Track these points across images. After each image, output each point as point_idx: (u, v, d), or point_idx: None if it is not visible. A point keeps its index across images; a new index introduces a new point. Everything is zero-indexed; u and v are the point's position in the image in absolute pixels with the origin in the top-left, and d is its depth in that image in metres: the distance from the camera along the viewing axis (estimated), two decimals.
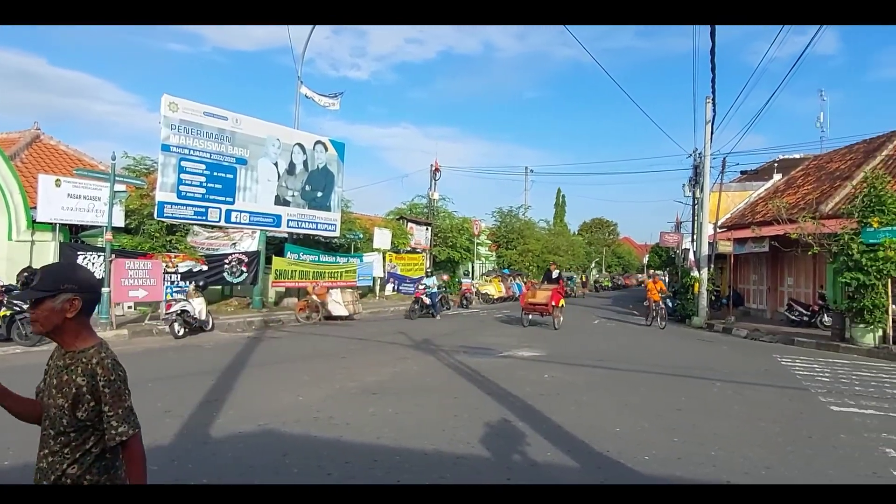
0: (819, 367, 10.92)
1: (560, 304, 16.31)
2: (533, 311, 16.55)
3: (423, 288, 19.27)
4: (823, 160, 24.93)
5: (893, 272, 13.28)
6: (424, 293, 18.85)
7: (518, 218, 40.13)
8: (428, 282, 19.73)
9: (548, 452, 5.26)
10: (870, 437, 6.08)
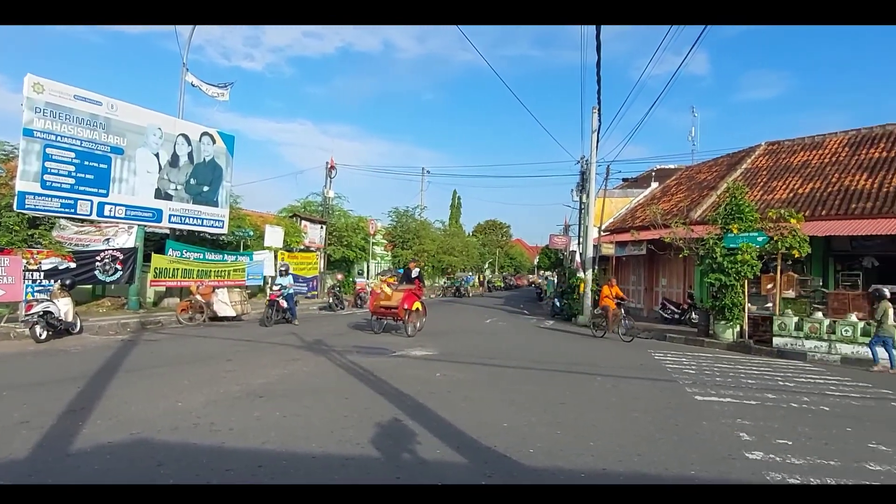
0: (687, 361, 11.87)
1: (415, 307, 14.47)
2: (385, 316, 14.69)
3: (277, 289, 16.31)
4: (694, 171, 27.16)
5: (749, 274, 14.72)
6: (280, 295, 16.10)
7: (414, 218, 40.33)
8: (283, 281, 16.62)
9: (437, 450, 5.30)
10: (727, 423, 6.68)
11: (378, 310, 14.57)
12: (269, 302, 16.16)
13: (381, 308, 14.47)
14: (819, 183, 18.63)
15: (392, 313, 14.36)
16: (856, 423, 7.02)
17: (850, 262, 17.01)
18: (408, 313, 14.15)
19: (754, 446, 5.76)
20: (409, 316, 14.20)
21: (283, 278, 16.75)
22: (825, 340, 13.40)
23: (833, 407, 7.95)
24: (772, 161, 21.83)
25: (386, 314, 14.51)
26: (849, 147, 20.12)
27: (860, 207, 16.41)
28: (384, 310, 14.43)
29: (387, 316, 14.57)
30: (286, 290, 16.31)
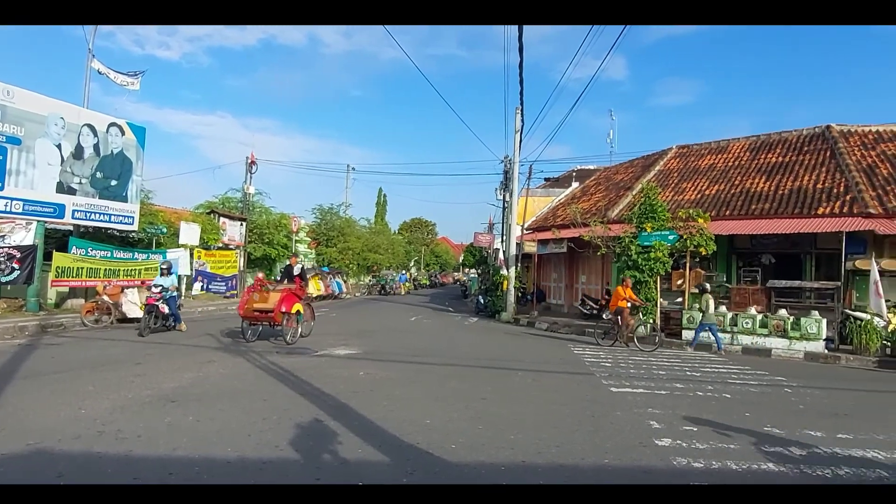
0: (604, 355, 12.34)
1: (294, 309, 12.24)
2: (258, 320, 12.19)
3: (157, 291, 13.39)
4: (612, 171, 28.27)
5: (661, 270, 15.48)
6: (161, 298, 13.33)
7: (339, 216, 39.76)
8: (164, 282, 13.74)
9: (359, 449, 5.24)
10: (639, 412, 7.00)
11: (250, 314, 12.07)
12: (146, 307, 13.40)
13: (255, 311, 12.03)
14: (724, 185, 19.85)
15: (267, 317, 11.99)
16: (754, 408, 7.53)
17: (751, 259, 18.24)
18: (286, 317, 11.95)
19: (663, 433, 6.06)
20: (288, 320, 12.05)
21: (164, 279, 13.98)
22: (728, 332, 14.30)
23: (734, 394, 8.50)
24: (682, 164, 23.06)
25: (260, 318, 12.11)
26: (750, 152, 21.56)
27: (759, 208, 17.63)
28: (258, 314, 12.02)
29: (261, 320, 12.21)
30: (167, 293, 13.60)
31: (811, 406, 7.93)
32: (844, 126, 20.41)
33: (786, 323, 13.63)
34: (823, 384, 9.87)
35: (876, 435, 6.30)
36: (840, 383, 10.12)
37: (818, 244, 16.51)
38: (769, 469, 5.05)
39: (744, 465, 5.11)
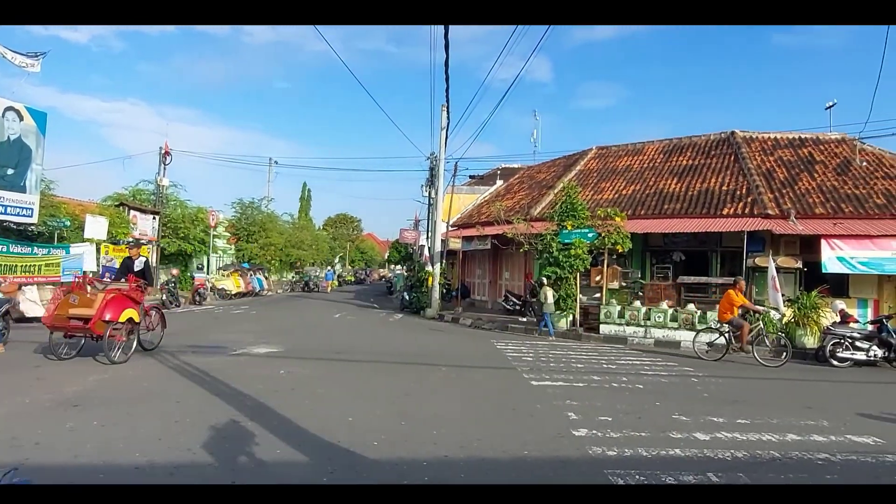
0: (525, 349, 12.63)
1: (125, 317, 9.20)
2: (74, 331, 9.04)
3: None
4: (535, 170, 28.95)
5: (581, 267, 16.02)
6: None
7: (260, 210, 38.55)
8: None
9: (277, 450, 5.10)
10: (558, 405, 7.21)
11: (62, 322, 8.94)
12: None
13: (69, 319, 8.91)
14: (639, 185, 20.78)
15: (82, 328, 8.90)
16: (663, 398, 7.94)
17: (663, 257, 19.18)
18: (111, 328, 8.92)
19: (580, 424, 6.28)
20: (115, 332, 9.05)
21: None
22: (642, 326, 15.00)
23: (646, 385, 8.93)
24: (601, 164, 23.94)
25: (75, 329, 8.98)
26: (663, 154, 22.66)
27: (671, 208, 18.58)
28: (74, 322, 8.91)
29: (77, 332, 9.05)
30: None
31: (714, 394, 8.44)
32: (747, 132, 21.83)
33: (694, 316, 14.44)
34: (725, 373, 10.54)
35: (770, 419, 6.79)
36: (740, 372, 10.83)
37: (723, 242, 17.58)
38: (676, 455, 5.33)
39: (653, 452, 5.37)
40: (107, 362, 8.76)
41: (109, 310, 9.00)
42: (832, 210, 16.63)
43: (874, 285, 16.40)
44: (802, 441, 5.92)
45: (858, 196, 17.08)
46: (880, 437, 6.12)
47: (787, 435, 6.12)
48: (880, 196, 16.91)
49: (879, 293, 16.43)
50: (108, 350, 8.86)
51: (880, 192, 17.06)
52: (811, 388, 9.58)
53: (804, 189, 17.72)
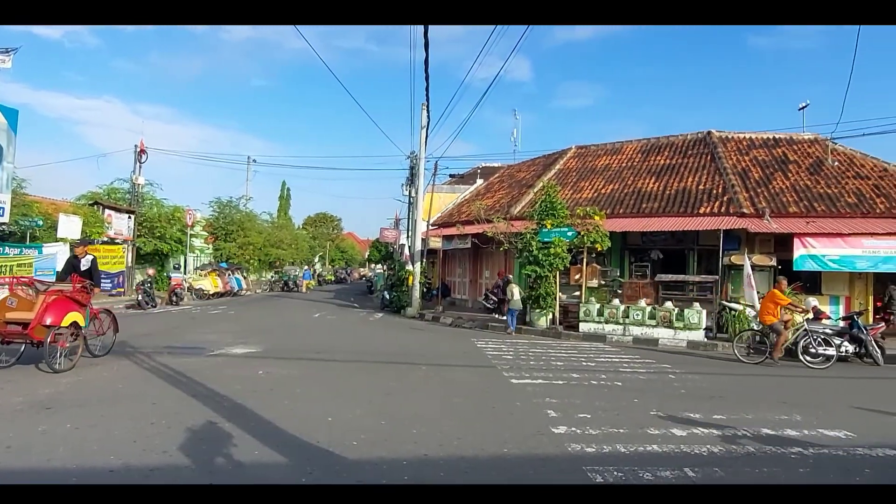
0: (505, 348, 12.67)
1: (68, 321, 8.55)
2: (12, 337, 8.32)
3: None
4: (515, 169, 29.06)
5: (560, 266, 16.11)
6: None
7: (239, 209, 38.15)
8: None
9: (256, 451, 5.05)
10: (537, 402, 7.25)
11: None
12: None
13: (6, 324, 8.26)
14: (618, 184, 20.96)
15: (20, 334, 8.22)
16: (641, 395, 8.02)
17: (641, 255, 19.39)
18: (51, 332, 8.11)
19: (560, 422, 6.31)
20: (58, 337, 8.25)
21: None
22: (621, 324, 15.14)
23: (624, 382, 9.01)
24: (580, 163, 24.10)
25: (12, 335, 8.28)
26: (641, 154, 22.89)
27: (649, 207, 18.78)
28: (11, 327, 8.26)
29: (14, 337, 8.32)
30: None
31: (692, 390, 8.55)
32: (723, 132, 22.15)
33: (671, 314, 14.62)
34: (702, 370, 10.69)
35: (745, 414, 6.89)
36: (717, 369, 11.00)
37: (700, 241, 17.82)
38: (653, 451, 5.39)
39: (631, 448, 5.42)
40: (49, 371, 8.04)
41: (51, 313, 8.30)
42: (805, 209, 16.96)
43: (846, 282, 16.77)
44: (776, 436, 6.02)
45: (830, 195, 17.43)
46: (851, 431, 6.25)
47: (761, 430, 6.22)
48: (851, 195, 17.28)
49: (851, 290, 16.80)
50: (49, 357, 8.06)
51: (851, 192, 17.43)
52: (785, 383, 9.74)
53: (778, 188, 18.03)
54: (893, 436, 6.20)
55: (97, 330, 9.59)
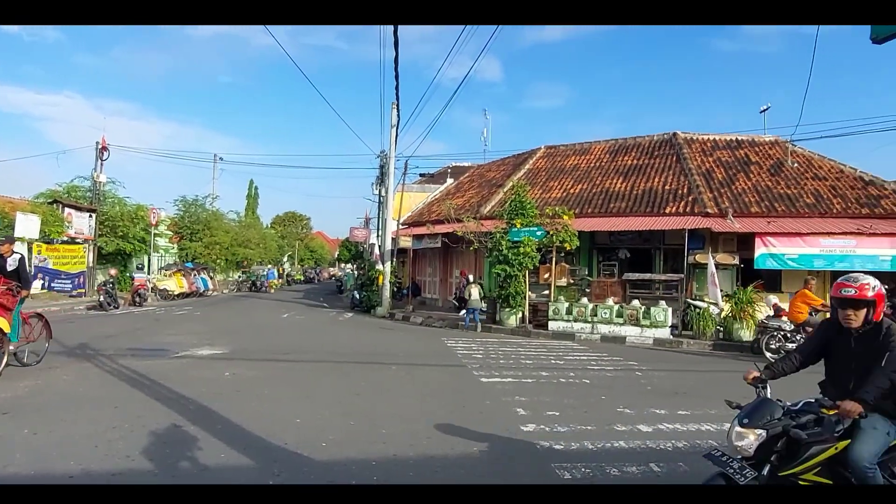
0: (476, 346, 12.72)
1: None
2: None
3: None
4: (485, 169, 29.16)
5: (530, 265, 16.24)
6: None
7: (205, 208, 37.43)
8: None
9: (222, 454, 4.97)
10: (507, 401, 7.29)
11: None
12: None
13: None
14: (586, 184, 21.21)
15: None
16: (608, 391, 8.14)
17: (609, 254, 19.64)
18: None
19: (529, 419, 6.36)
20: None
21: None
22: (589, 322, 15.33)
23: (592, 379, 9.13)
24: (550, 163, 24.31)
25: None
26: (609, 154, 23.21)
27: (617, 207, 19.05)
28: None
29: None
30: None
31: (657, 387, 8.71)
32: (688, 134, 22.60)
33: (638, 312, 14.86)
34: (667, 366, 10.90)
35: (709, 410, 7.04)
36: (681, 365, 11.23)
37: (666, 240, 18.15)
38: (620, 447, 5.48)
39: (599, 445, 5.50)
40: None
41: None
42: (766, 209, 17.41)
43: (804, 280, 17.24)
44: None
45: (790, 196, 17.94)
46: None
47: (724, 424, 6.33)
48: (810, 196, 17.81)
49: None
50: None
51: (810, 192, 17.97)
52: None
53: (741, 189, 18.47)
54: None
55: (27, 336, 8.70)
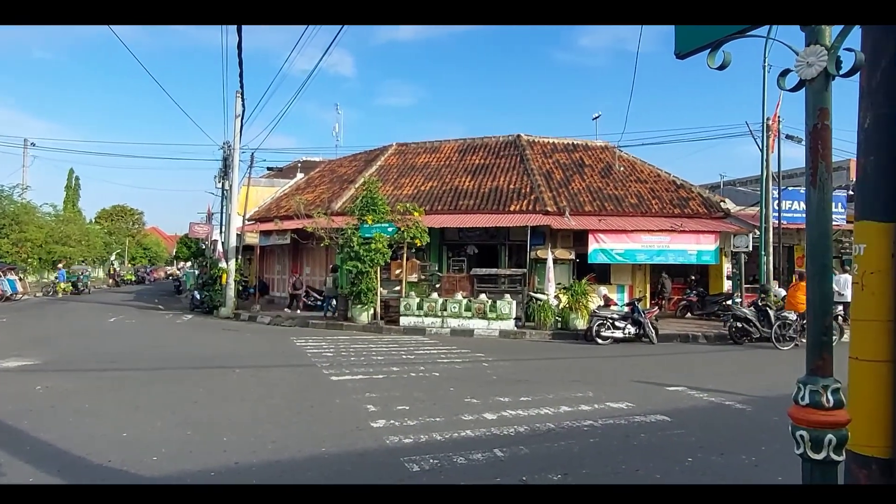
0: (326, 345, 12.46)
1: None
2: None
3: None
4: (336, 164, 28.68)
5: (381, 261, 16.25)
6: None
7: (12, 200, 32.78)
8: None
9: (30, 478, 4.36)
10: (357, 398, 7.23)
11: None
12: None
13: None
14: (436, 182, 21.69)
15: None
16: (457, 383, 8.39)
17: (458, 250, 20.29)
18: None
19: (378, 416, 6.35)
20: None
21: None
22: (439, 317, 15.71)
23: (442, 372, 9.35)
24: (401, 160, 24.52)
25: None
26: (458, 153, 23.95)
27: (465, 204, 19.71)
28: None
29: None
30: None
31: (502, 376, 9.15)
32: (530, 136, 24.00)
33: (485, 306, 15.51)
34: (512, 356, 11.50)
35: (548, 395, 7.54)
36: (524, 354, 11.91)
37: (511, 237, 19.14)
38: (467, 435, 5.66)
39: (446, 435, 5.64)
40: None
41: None
42: (598, 208, 19.04)
43: (629, 273, 19.17)
44: (573, 411, 6.67)
45: (617, 196, 19.79)
46: (632, 402, 7.15)
47: (560, 407, 6.85)
48: (634, 197, 19.78)
49: (633, 279, 19.25)
50: None
51: (634, 194, 19.96)
52: (581, 364, 10.84)
53: (576, 189, 20.02)
54: (663, 403, 7.20)
55: None
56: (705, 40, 2.41)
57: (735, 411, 6.93)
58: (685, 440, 5.65)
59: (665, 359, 11.54)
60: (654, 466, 4.87)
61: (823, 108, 2.07)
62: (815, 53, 2.05)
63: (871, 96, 2.48)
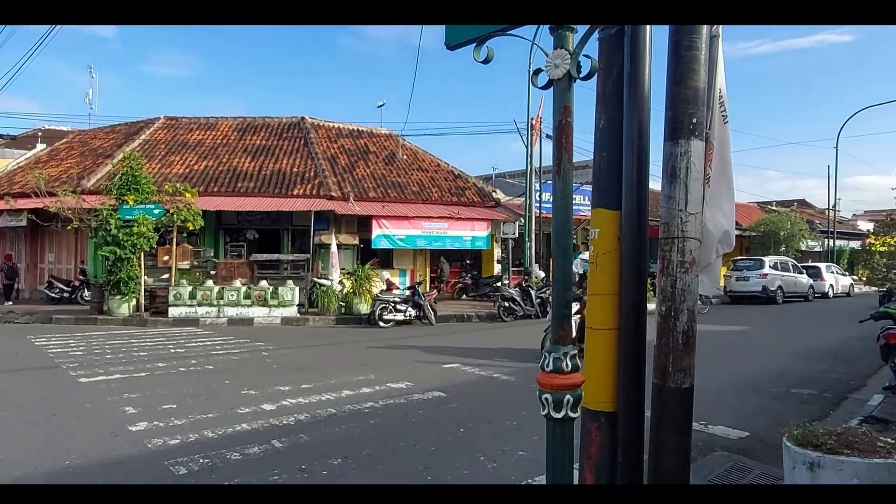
0: (74, 343, 10.85)
1: None
2: None
3: None
4: (89, 135, 24.97)
5: (146, 247, 14.60)
6: None
7: None
8: None
9: None
10: (113, 401, 6.41)
11: None
12: None
13: None
14: (212, 161, 20.11)
15: None
16: (234, 375, 7.92)
17: (237, 235, 19.12)
18: None
19: (139, 418, 5.71)
20: None
21: None
22: (215, 306, 14.66)
23: (216, 365, 8.75)
24: (170, 136, 22.22)
25: None
26: (237, 132, 22.47)
27: (245, 186, 18.61)
28: None
29: None
30: None
31: (283, 365, 8.86)
32: (315, 119, 23.50)
33: (266, 293, 14.86)
34: (294, 344, 11.21)
35: (329, 380, 7.50)
36: (307, 341, 11.69)
37: (294, 221, 18.57)
38: (243, 429, 5.37)
39: (220, 431, 5.28)
40: None
41: None
42: (382, 195, 19.41)
43: (411, 258, 19.97)
44: (354, 395, 6.73)
45: (400, 184, 20.38)
46: (411, 381, 7.44)
47: (342, 392, 6.86)
48: (415, 185, 20.57)
49: (414, 264, 20.08)
50: None
51: (415, 182, 20.74)
52: (362, 347, 10.96)
53: (361, 175, 20.14)
54: (440, 380, 7.62)
55: None
56: (471, 35, 2.55)
57: (501, 382, 7.62)
58: (458, 413, 6.05)
59: (442, 338, 12.24)
60: (430, 440, 5.13)
61: (567, 105, 2.32)
62: (560, 56, 2.28)
63: (605, 100, 2.85)
